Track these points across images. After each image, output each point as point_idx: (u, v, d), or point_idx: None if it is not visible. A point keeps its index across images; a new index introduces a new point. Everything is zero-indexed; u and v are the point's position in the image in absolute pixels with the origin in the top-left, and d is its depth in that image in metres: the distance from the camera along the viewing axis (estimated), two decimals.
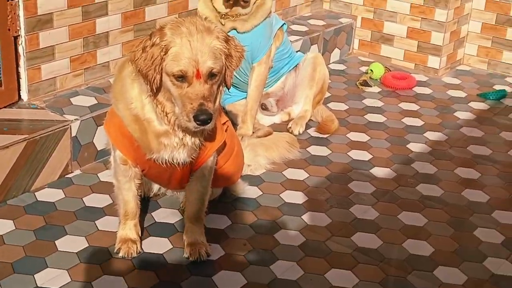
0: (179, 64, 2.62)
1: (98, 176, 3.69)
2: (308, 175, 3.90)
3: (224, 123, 3.23)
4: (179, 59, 2.62)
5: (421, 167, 4.06)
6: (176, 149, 2.87)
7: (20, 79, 3.69)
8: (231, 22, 4.00)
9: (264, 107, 4.45)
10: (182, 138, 2.85)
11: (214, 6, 3.99)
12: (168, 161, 2.91)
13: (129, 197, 3.06)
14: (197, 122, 2.64)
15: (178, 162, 2.93)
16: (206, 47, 2.66)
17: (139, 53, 2.69)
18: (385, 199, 3.71)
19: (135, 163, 3.01)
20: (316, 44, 5.30)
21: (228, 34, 2.90)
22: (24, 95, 3.73)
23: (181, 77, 2.64)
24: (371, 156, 4.16)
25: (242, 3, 3.92)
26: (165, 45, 2.65)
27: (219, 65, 2.70)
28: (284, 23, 4.34)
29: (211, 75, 2.68)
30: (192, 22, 2.72)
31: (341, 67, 5.51)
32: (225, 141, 3.31)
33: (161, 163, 2.93)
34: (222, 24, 3.96)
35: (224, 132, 3.17)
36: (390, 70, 5.35)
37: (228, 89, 2.90)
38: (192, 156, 2.96)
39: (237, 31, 4.00)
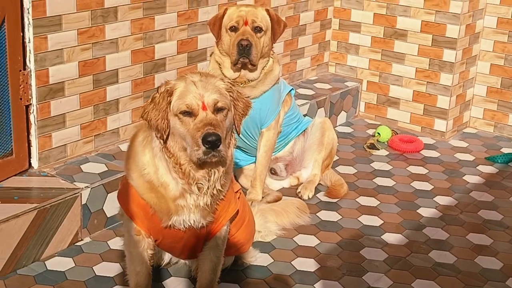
0: (185, 100, 2.67)
1: (108, 244, 3.66)
2: (319, 241, 3.87)
3: (237, 191, 3.22)
4: (184, 96, 2.68)
5: (433, 233, 4.03)
6: (192, 211, 2.85)
7: (31, 147, 3.70)
8: (240, 89, 4.02)
9: (273, 172, 4.44)
10: (198, 195, 2.82)
11: (223, 73, 4.03)
12: (185, 225, 2.89)
13: (141, 269, 3.02)
14: (206, 145, 2.61)
15: (195, 225, 2.90)
16: (210, 85, 2.73)
17: (149, 105, 2.74)
18: (398, 266, 3.67)
19: (149, 233, 2.99)
20: (323, 108, 5.33)
21: None
22: (35, 163, 3.73)
23: (188, 113, 2.66)
24: (382, 222, 4.13)
25: (249, 66, 3.96)
26: (169, 88, 2.71)
27: (224, 101, 2.73)
28: (292, 89, 4.38)
29: (217, 108, 2.71)
30: (195, 72, 2.83)
31: (348, 129, 5.54)
32: (237, 209, 3.30)
33: (177, 228, 2.90)
34: None
35: (238, 201, 3.16)
36: (397, 133, 5.37)
37: (238, 134, 2.92)
38: (207, 219, 2.93)
39: None
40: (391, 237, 3.96)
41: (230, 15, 3.97)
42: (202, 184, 2.79)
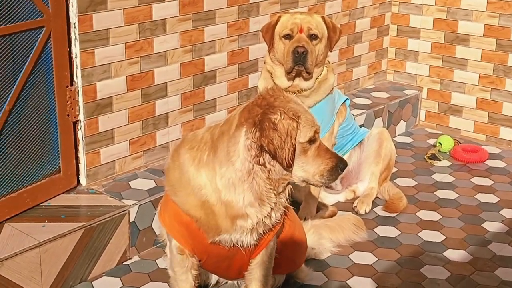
0: (313, 126, 2.65)
1: (156, 263, 3.57)
2: (377, 259, 3.68)
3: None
4: (309, 122, 2.65)
5: (499, 249, 3.78)
6: (246, 232, 2.75)
7: (79, 164, 3.65)
8: None
9: (328, 186, 4.27)
10: (258, 221, 2.72)
11: (275, 82, 3.89)
12: (233, 244, 2.77)
13: None
14: (341, 171, 2.69)
15: (243, 245, 2.78)
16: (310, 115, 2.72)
17: (271, 133, 2.57)
18: (461, 286, 3.44)
19: (193, 252, 2.88)
20: (381, 117, 5.13)
21: None
22: (83, 180, 3.68)
23: (314, 139, 2.66)
24: (443, 237, 3.90)
25: (304, 74, 3.81)
26: (294, 116, 2.60)
27: None
28: (347, 98, 4.21)
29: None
30: (283, 94, 2.71)
31: (407, 140, 5.31)
32: (283, 223, 3.16)
33: (224, 245, 2.78)
34: None
35: (283, 214, 3.01)
36: (460, 143, 5.12)
37: None
38: (255, 238, 2.80)
39: None
40: (454, 254, 3.73)
41: (284, 23, 3.83)
42: (282, 202, 2.77)
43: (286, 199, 2.78)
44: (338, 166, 2.68)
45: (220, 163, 2.65)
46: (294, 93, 3.85)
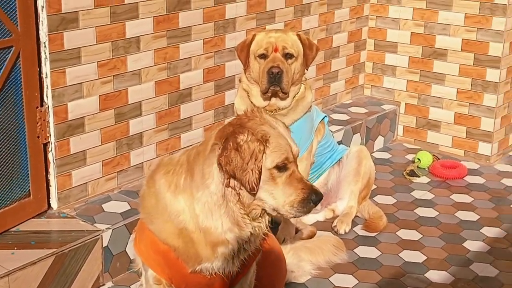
0: (283, 152, 2.48)
1: None
2: (357, 281, 3.60)
3: None
4: (280, 147, 2.49)
5: (481, 269, 3.72)
6: (228, 260, 2.63)
7: (50, 187, 3.52)
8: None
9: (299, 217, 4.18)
10: (239, 248, 2.61)
11: (252, 102, 3.81)
12: (213, 272, 2.66)
13: None
14: (315, 205, 2.51)
15: (224, 273, 2.67)
16: (287, 132, 2.59)
17: (233, 153, 2.45)
18: None
19: (170, 281, 2.76)
20: (359, 133, 5.07)
21: None
22: (54, 204, 3.55)
23: (283, 166, 2.48)
24: (425, 258, 3.84)
25: (280, 94, 3.74)
26: (262, 138, 2.46)
27: None
28: (326, 116, 4.14)
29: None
30: (261, 116, 2.59)
31: (386, 155, 5.26)
32: (263, 248, 3.07)
33: (205, 274, 2.67)
34: None
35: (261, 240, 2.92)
36: (439, 158, 5.07)
37: None
38: (236, 266, 2.70)
39: None
40: (435, 275, 3.67)
41: (259, 42, 3.75)
42: (257, 230, 2.61)
43: (266, 226, 2.67)
44: (310, 199, 2.50)
45: (197, 187, 2.54)
46: (272, 112, 3.78)
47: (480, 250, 3.93)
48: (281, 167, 2.48)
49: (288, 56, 3.72)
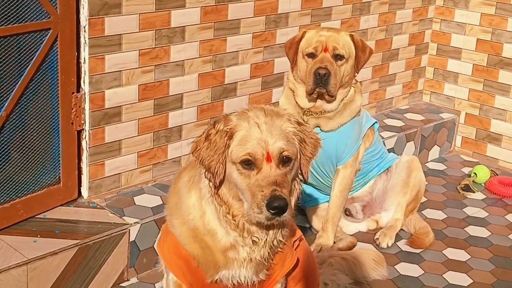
0: (246, 147, 2.26)
1: (155, 286, 3.32)
2: None
3: (297, 239, 2.80)
4: (246, 141, 2.27)
5: None
6: (244, 265, 2.45)
7: (81, 175, 3.43)
8: (315, 119, 3.61)
9: (348, 213, 3.98)
10: (252, 249, 2.43)
11: (297, 102, 3.62)
12: (234, 281, 2.49)
13: None
14: (271, 211, 2.21)
15: (245, 282, 2.50)
16: (276, 129, 2.31)
17: (202, 142, 2.35)
18: None
19: None
20: (413, 141, 4.81)
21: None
22: (85, 192, 3.45)
23: (249, 163, 2.26)
24: (471, 281, 3.57)
25: (327, 97, 3.54)
26: (230, 130, 2.30)
27: (291, 149, 2.31)
28: (376, 122, 3.91)
29: (283, 159, 2.29)
30: (260, 108, 2.39)
31: (440, 166, 4.98)
32: (298, 258, 2.88)
33: (226, 284, 2.51)
34: (305, 122, 3.59)
35: (295, 252, 2.73)
36: (497, 174, 4.76)
37: (306, 181, 2.47)
38: (260, 276, 2.52)
39: (320, 129, 3.61)
40: None
41: (308, 40, 3.56)
42: (258, 237, 2.40)
43: (276, 234, 2.41)
44: (271, 202, 2.19)
45: (200, 179, 2.40)
46: (317, 114, 3.59)
47: None
48: (247, 164, 2.26)
49: (338, 57, 3.51)
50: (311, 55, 3.52)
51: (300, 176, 2.45)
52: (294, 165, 2.35)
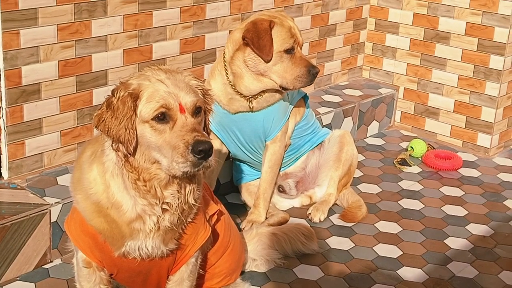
0: (158, 101, 2.23)
1: None
2: (323, 274, 3.36)
3: (213, 214, 2.75)
4: (156, 95, 2.24)
5: (460, 269, 3.45)
6: (149, 236, 2.40)
7: (1, 155, 3.32)
8: (247, 102, 3.56)
9: (281, 189, 3.94)
10: (160, 218, 2.38)
11: (236, 88, 3.49)
12: (142, 252, 2.44)
13: None
14: (197, 156, 2.20)
15: (153, 253, 2.45)
16: (180, 82, 2.31)
17: (105, 113, 2.29)
18: None
19: (100, 265, 2.56)
20: (351, 117, 4.79)
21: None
22: (5, 173, 3.35)
23: (163, 117, 2.24)
24: (400, 253, 3.57)
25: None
26: (133, 91, 2.26)
27: (200, 99, 2.33)
28: (306, 94, 3.87)
29: (195, 110, 2.29)
30: (156, 68, 2.37)
31: (379, 142, 4.98)
32: (218, 234, 2.84)
33: (133, 257, 2.45)
34: (250, 108, 3.56)
35: (209, 227, 2.68)
36: (434, 148, 4.78)
37: (209, 135, 2.44)
38: (169, 246, 2.47)
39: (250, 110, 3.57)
40: (408, 273, 3.41)
41: (280, 33, 3.44)
42: (169, 202, 2.37)
43: (187, 197, 2.38)
44: (196, 145, 2.19)
45: (104, 153, 2.34)
46: (255, 98, 3.54)
47: (462, 248, 3.66)
48: (161, 118, 2.24)
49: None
50: (289, 51, 3.44)
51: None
52: (202, 116, 2.35)
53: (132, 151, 2.27)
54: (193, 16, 3.97)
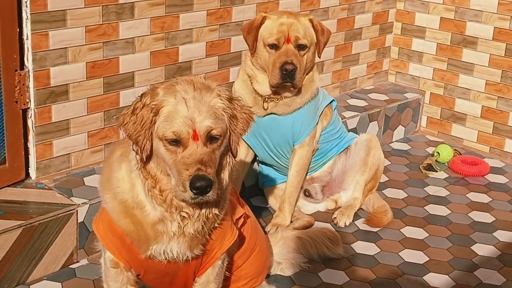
0: (172, 125, 2.22)
1: None
2: (349, 279, 3.33)
3: (239, 217, 2.75)
4: (172, 118, 2.23)
5: (487, 276, 3.41)
6: (174, 239, 2.40)
7: (29, 156, 3.34)
8: (274, 104, 3.54)
9: (307, 194, 3.93)
10: (181, 224, 2.38)
11: (254, 88, 3.53)
12: (167, 256, 2.44)
13: None
14: (194, 191, 2.19)
15: (179, 258, 2.45)
16: (204, 105, 2.26)
17: (128, 116, 2.30)
18: None
19: (128, 265, 2.56)
20: (376, 121, 4.77)
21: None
22: (33, 173, 3.37)
23: (175, 141, 2.23)
24: (427, 259, 3.54)
25: (291, 89, 3.47)
26: (155, 105, 2.25)
27: (220, 126, 2.27)
28: (333, 100, 3.85)
29: (211, 137, 2.26)
30: (189, 80, 2.33)
31: (405, 146, 4.94)
32: (244, 237, 2.83)
33: (159, 260, 2.45)
34: (265, 109, 3.53)
35: (235, 230, 2.67)
36: (460, 154, 4.73)
37: (235, 158, 2.42)
38: (195, 251, 2.47)
39: (277, 114, 3.56)
40: (435, 279, 3.37)
41: (269, 28, 3.44)
42: (188, 212, 2.36)
43: (215, 212, 2.39)
44: (194, 181, 2.18)
45: (132, 153, 2.35)
46: (276, 99, 3.52)
47: (489, 255, 3.61)
48: (173, 141, 2.23)
49: (301, 47, 3.43)
50: (274, 47, 3.43)
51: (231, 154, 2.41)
52: (223, 141, 2.31)
53: (145, 159, 2.29)
54: (219, 19, 3.98)
